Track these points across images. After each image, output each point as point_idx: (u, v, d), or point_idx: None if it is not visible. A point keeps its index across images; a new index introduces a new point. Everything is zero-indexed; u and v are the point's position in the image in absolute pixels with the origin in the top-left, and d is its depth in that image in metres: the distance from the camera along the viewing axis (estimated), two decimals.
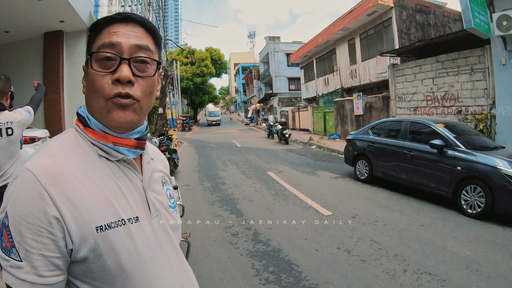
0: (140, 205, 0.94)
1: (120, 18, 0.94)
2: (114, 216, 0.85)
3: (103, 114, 0.90)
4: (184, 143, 21.32)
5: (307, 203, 6.87)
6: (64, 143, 0.91)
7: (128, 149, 0.96)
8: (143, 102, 0.94)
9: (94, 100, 0.91)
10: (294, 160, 12.96)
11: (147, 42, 0.95)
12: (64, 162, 0.84)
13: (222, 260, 4.39)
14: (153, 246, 0.93)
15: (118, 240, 0.84)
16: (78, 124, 0.96)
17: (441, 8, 17.59)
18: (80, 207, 0.80)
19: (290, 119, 31.47)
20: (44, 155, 0.85)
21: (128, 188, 0.93)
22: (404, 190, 7.62)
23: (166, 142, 10.79)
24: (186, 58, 50.31)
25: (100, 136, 0.92)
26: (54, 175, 0.80)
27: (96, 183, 0.86)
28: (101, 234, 0.81)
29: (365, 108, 16.70)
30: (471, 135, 7.01)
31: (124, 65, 0.89)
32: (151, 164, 1.07)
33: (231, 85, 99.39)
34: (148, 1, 23.35)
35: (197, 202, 7.19)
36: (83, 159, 0.88)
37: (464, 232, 5.15)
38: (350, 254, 4.43)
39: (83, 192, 0.82)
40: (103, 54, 0.89)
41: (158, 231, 0.97)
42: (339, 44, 22.30)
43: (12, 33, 9.75)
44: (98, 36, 0.93)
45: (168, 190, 1.13)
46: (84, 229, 0.80)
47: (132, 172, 0.98)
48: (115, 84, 0.88)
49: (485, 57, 10.05)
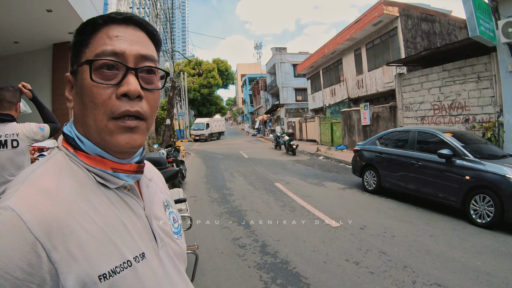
0: (145, 237, 0.81)
1: (120, 19, 0.79)
2: (118, 258, 0.72)
3: (104, 137, 0.76)
4: (192, 154, 21.40)
5: (315, 214, 6.84)
6: (54, 170, 0.74)
7: (127, 174, 0.82)
8: (150, 121, 0.81)
9: (90, 119, 0.76)
10: (301, 171, 12.94)
11: (151, 50, 0.82)
12: (59, 199, 0.68)
13: (230, 272, 4.38)
14: (162, 282, 0.81)
15: (126, 285, 0.71)
16: (67, 147, 0.80)
17: (446, 16, 17.60)
18: (79, 256, 0.66)
19: (297, 130, 31.48)
20: (33, 189, 0.68)
21: (131, 220, 0.80)
22: (413, 200, 7.57)
23: (174, 153, 10.84)
24: (193, 69, 50.81)
25: (96, 161, 0.78)
26: (48, 220, 0.64)
27: (96, 222, 0.72)
28: (105, 283, 0.68)
29: (372, 118, 16.67)
30: (479, 144, 6.97)
31: (131, 76, 0.76)
32: (150, 188, 0.93)
33: (238, 96, 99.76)
34: (156, 13, 23.65)
35: (204, 213, 7.18)
36: (80, 192, 0.73)
37: (473, 242, 5.09)
38: (358, 266, 4.40)
39: (82, 236, 0.68)
40: (103, 61, 0.74)
41: (166, 263, 0.85)
42: (345, 54, 22.37)
43: (21, 44, 9.89)
44: (93, 39, 0.77)
45: (171, 214, 0.99)
46: (85, 281, 0.65)
47: (134, 199, 0.84)
48: (121, 99, 0.74)
49: (492, 65, 10.02)
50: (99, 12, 10.97)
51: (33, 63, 10.65)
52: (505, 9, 8.98)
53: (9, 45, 9.84)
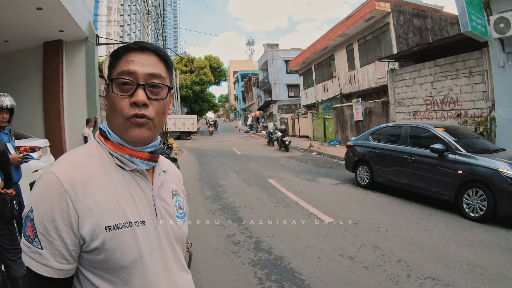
0: (147, 211, 1.06)
1: (136, 48, 1.06)
2: (122, 218, 0.98)
3: (122, 131, 1.04)
4: (184, 151, 21.30)
5: (309, 210, 6.84)
6: (87, 152, 1.05)
7: (142, 161, 1.09)
8: (156, 121, 1.06)
9: (114, 119, 1.04)
10: (294, 167, 12.94)
11: (159, 69, 1.07)
12: (85, 170, 0.98)
13: (224, 269, 4.36)
14: (154, 249, 1.05)
15: (123, 239, 0.97)
16: (100, 138, 1.10)
17: (438, 12, 17.67)
18: (94, 209, 0.94)
19: (290, 126, 31.52)
20: (68, 162, 0.99)
21: (139, 195, 1.06)
22: (406, 195, 7.60)
23: (167, 150, 10.80)
24: (185, 66, 50.52)
25: (118, 148, 1.06)
26: (75, 181, 0.94)
27: (110, 189, 0.99)
28: (109, 233, 0.94)
29: (365, 114, 16.72)
30: (471, 138, 7.00)
31: (140, 90, 1.02)
32: (161, 176, 1.18)
33: (230, 93, 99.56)
34: (147, 10, 23.47)
35: (198, 210, 7.15)
36: (102, 167, 1.02)
37: (467, 236, 5.12)
38: (353, 261, 4.40)
39: (98, 197, 0.96)
40: (121, 80, 1.02)
41: (162, 236, 1.09)
42: (337, 50, 22.39)
43: (12, 43, 9.76)
44: (118, 63, 1.05)
45: (178, 201, 1.23)
46: (95, 228, 0.93)
47: (144, 181, 1.10)
48: (132, 106, 1.01)
49: (484, 60, 10.09)
50: (90, 9, 10.88)
51: (23, 61, 10.54)
52: (497, 5, 9.02)
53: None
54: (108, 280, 0.97)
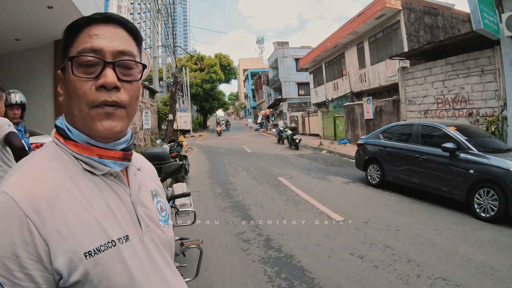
0: (129, 222, 0.86)
1: (100, 18, 0.87)
2: (103, 238, 0.78)
3: (87, 124, 0.83)
4: (194, 149, 21.41)
5: (319, 208, 6.85)
6: (44, 159, 0.82)
7: (114, 161, 0.89)
8: (129, 109, 0.87)
9: (75, 109, 0.83)
10: (304, 165, 12.95)
11: (130, 46, 0.89)
12: (47, 183, 0.76)
13: (234, 266, 4.40)
14: (146, 265, 0.86)
15: (108, 264, 0.77)
16: (58, 137, 0.88)
17: (449, 9, 17.48)
18: (67, 234, 0.73)
19: (300, 124, 31.48)
20: (24, 176, 0.76)
21: (116, 205, 0.85)
22: (416, 194, 7.56)
23: (177, 148, 10.85)
24: (195, 64, 50.61)
25: (83, 149, 0.85)
26: (37, 200, 0.72)
27: (83, 204, 0.78)
28: (90, 260, 0.74)
29: (375, 112, 16.65)
30: (483, 138, 6.95)
31: (108, 70, 0.82)
32: (137, 176, 0.98)
33: (240, 91, 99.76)
34: (157, 9, 23.59)
35: (208, 208, 7.21)
36: (67, 176, 0.80)
37: (478, 236, 5.10)
38: (363, 260, 4.41)
39: (69, 216, 0.74)
40: (83, 58, 0.82)
41: (151, 247, 0.89)
42: (348, 48, 22.30)
43: (23, 41, 9.86)
44: (77, 38, 0.85)
45: (159, 203, 1.03)
46: (72, 257, 0.72)
47: (119, 186, 0.89)
48: (100, 90, 0.81)
49: (495, 58, 9.97)
50: (100, 7, 10.93)
51: (34, 60, 10.61)
52: (509, 2, 8.94)
53: (11, 43, 9.81)
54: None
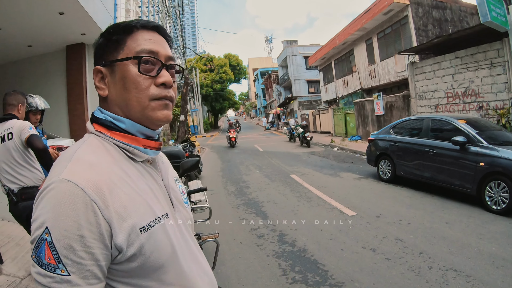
0: (165, 202, 0.99)
1: (151, 27, 1.00)
2: (152, 215, 0.89)
3: (147, 113, 0.94)
4: (207, 149, 21.56)
5: (331, 204, 6.94)
6: (93, 149, 0.90)
7: (153, 151, 1.02)
8: (173, 103, 1.02)
9: (134, 101, 0.93)
10: (316, 162, 13.01)
11: (171, 52, 1.03)
12: (103, 170, 0.85)
13: (249, 260, 4.52)
14: (180, 240, 0.99)
15: (158, 237, 0.88)
16: (101, 130, 0.96)
17: (457, 2, 17.31)
18: (124, 213, 0.82)
19: (311, 122, 31.46)
20: (81, 164, 0.84)
21: (155, 187, 0.99)
22: (428, 188, 7.60)
23: (190, 148, 11.02)
24: (204, 65, 50.87)
25: (131, 139, 0.96)
26: (99, 185, 0.80)
27: (132, 187, 0.89)
28: (145, 235, 0.85)
29: (386, 108, 16.62)
30: (493, 130, 6.95)
31: (165, 71, 0.97)
32: (165, 163, 1.17)
33: (250, 90, 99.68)
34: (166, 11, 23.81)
35: (222, 206, 7.34)
36: (116, 164, 0.90)
37: (489, 228, 5.13)
38: (375, 253, 4.50)
39: (124, 198, 0.84)
40: (146, 58, 0.94)
41: (181, 225, 1.04)
42: (356, 44, 22.24)
43: (35, 47, 10.05)
44: (130, 39, 0.95)
45: (180, 187, 1.20)
46: (130, 233, 0.82)
47: (154, 171, 1.04)
48: (160, 87, 0.95)
49: (504, 50, 9.92)
50: (110, 13, 11.11)
51: (47, 65, 10.84)
52: None
53: (23, 49, 10.04)
54: (143, 286, 0.88)
